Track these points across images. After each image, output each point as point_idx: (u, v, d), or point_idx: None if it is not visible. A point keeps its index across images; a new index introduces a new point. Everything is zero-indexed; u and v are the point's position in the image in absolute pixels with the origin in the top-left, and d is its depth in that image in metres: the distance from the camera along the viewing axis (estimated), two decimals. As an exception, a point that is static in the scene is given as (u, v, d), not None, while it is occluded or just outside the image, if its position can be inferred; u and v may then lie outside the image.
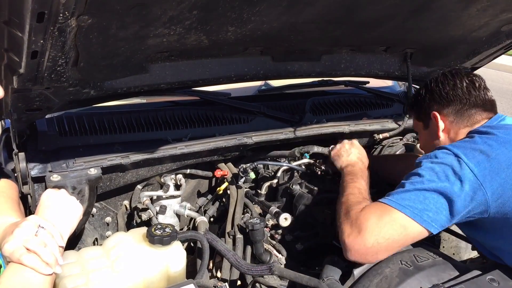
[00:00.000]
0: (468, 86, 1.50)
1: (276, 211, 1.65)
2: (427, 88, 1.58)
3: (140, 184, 1.80)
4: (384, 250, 1.28)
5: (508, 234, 1.30)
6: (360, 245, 1.26)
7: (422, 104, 1.59)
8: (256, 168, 1.81)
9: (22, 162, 1.44)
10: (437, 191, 1.25)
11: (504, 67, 10.64)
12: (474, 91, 1.49)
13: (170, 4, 1.11)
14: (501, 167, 1.26)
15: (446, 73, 1.57)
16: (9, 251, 1.03)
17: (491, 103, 1.53)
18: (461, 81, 1.51)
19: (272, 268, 1.38)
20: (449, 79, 1.53)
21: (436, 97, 1.53)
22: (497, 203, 1.25)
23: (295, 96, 2.33)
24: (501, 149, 1.29)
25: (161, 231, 1.33)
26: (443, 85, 1.53)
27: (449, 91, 1.51)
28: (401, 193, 1.29)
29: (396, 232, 1.25)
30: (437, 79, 1.57)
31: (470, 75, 1.54)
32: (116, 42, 1.21)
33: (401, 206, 1.25)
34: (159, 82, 1.60)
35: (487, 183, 1.25)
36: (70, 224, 1.22)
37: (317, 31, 1.59)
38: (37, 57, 1.04)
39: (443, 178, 1.26)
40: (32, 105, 1.35)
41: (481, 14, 1.64)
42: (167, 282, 1.31)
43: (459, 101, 1.49)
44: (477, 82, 1.52)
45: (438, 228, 1.27)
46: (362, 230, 1.26)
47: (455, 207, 1.25)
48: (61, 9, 0.92)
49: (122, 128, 1.75)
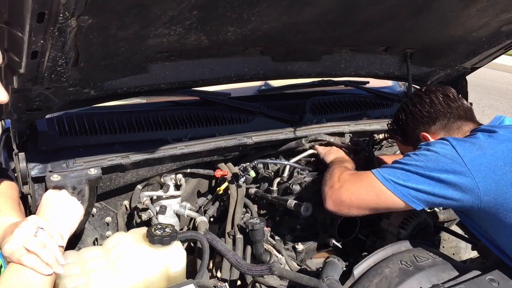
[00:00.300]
0: (444, 99, 1.52)
1: (295, 203, 1.64)
2: (406, 112, 1.58)
3: (140, 184, 1.80)
4: (356, 207, 1.44)
5: (499, 228, 1.32)
6: (335, 196, 1.45)
7: (406, 129, 1.59)
8: (256, 167, 1.81)
9: (22, 162, 1.44)
10: (424, 175, 1.32)
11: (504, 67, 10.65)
12: (453, 103, 1.52)
13: (170, 4, 1.11)
14: (498, 164, 1.28)
15: (418, 93, 1.59)
16: (9, 252, 1.03)
17: (470, 111, 1.57)
18: (436, 96, 1.53)
19: (272, 268, 1.38)
20: (424, 97, 1.55)
21: (419, 118, 1.54)
22: (488, 197, 1.27)
23: (295, 96, 2.33)
24: (500, 147, 1.31)
25: (161, 231, 1.33)
26: (421, 105, 1.54)
27: (429, 109, 1.52)
28: (388, 167, 1.40)
29: (369, 196, 1.39)
30: (412, 101, 1.57)
31: (441, 89, 1.56)
32: (116, 42, 1.21)
33: (383, 177, 1.37)
34: (159, 82, 1.60)
35: (481, 178, 1.27)
36: (70, 224, 1.22)
37: (317, 31, 1.59)
38: (37, 57, 1.04)
39: (433, 164, 1.32)
40: (32, 105, 1.35)
41: (481, 14, 1.64)
42: (167, 282, 1.31)
43: (443, 115, 1.51)
44: (450, 93, 1.55)
45: (414, 201, 1.34)
46: (341, 186, 1.46)
47: (435, 191, 1.31)
48: (61, 9, 0.92)
49: (122, 128, 1.75)
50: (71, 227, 1.22)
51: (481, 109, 7.27)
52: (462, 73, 2.25)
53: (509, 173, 1.27)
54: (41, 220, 1.10)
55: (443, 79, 2.30)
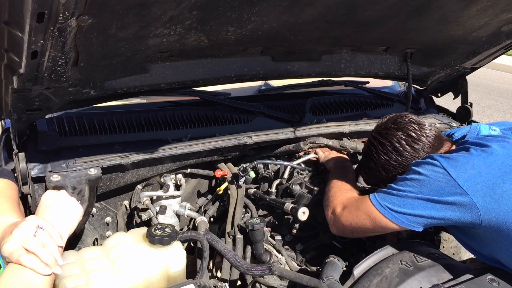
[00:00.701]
0: (408, 142, 1.44)
1: (292, 207, 1.64)
2: (374, 163, 1.50)
3: (140, 184, 1.80)
4: (358, 233, 1.49)
5: (502, 244, 1.29)
6: (338, 223, 1.49)
7: (379, 176, 1.52)
8: (256, 167, 1.81)
9: (22, 162, 1.44)
10: (419, 199, 1.30)
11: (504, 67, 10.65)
12: (418, 144, 1.44)
13: (170, 4, 1.11)
14: (496, 182, 1.23)
15: (379, 138, 1.48)
16: (8, 252, 1.03)
17: (439, 137, 1.48)
18: (399, 141, 1.44)
19: (272, 268, 1.38)
20: (386, 145, 1.46)
21: (392, 169, 1.47)
22: (489, 216, 1.23)
23: (295, 96, 2.33)
24: (496, 163, 1.26)
25: (161, 231, 1.33)
26: (387, 154, 1.46)
27: (396, 158, 1.45)
28: (384, 193, 1.38)
29: (369, 224, 1.40)
30: (376, 148, 1.48)
31: (400, 128, 1.46)
32: (116, 42, 1.21)
33: (379, 205, 1.36)
34: (159, 82, 1.60)
35: (479, 198, 1.23)
36: (69, 224, 1.22)
37: (317, 31, 1.59)
38: (37, 57, 1.04)
39: (427, 189, 1.29)
40: (32, 105, 1.35)
41: (481, 14, 1.64)
42: (167, 282, 1.31)
43: (412, 159, 1.43)
44: (412, 132, 1.44)
45: (412, 225, 1.33)
46: (342, 214, 1.47)
47: (433, 214, 1.29)
48: (61, 9, 0.92)
49: (122, 128, 1.75)
50: (70, 227, 1.22)
51: (481, 109, 7.27)
52: (462, 73, 2.25)
53: (509, 190, 1.22)
54: (41, 220, 1.10)
55: (443, 79, 2.30)
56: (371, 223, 1.39)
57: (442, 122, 2.26)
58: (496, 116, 7.10)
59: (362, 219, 1.41)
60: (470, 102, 2.29)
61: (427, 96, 2.49)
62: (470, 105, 2.27)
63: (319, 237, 1.81)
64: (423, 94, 2.48)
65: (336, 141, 1.92)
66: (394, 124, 1.49)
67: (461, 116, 2.30)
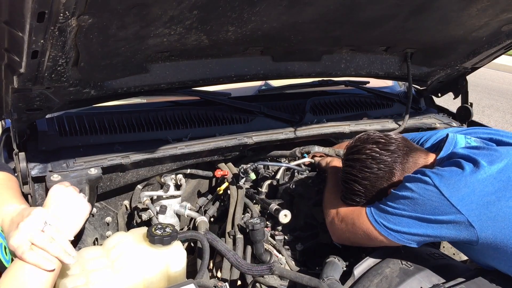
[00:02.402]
0: (381, 148, 1.42)
1: (276, 208, 1.65)
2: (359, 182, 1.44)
3: (140, 184, 1.80)
4: (356, 243, 1.53)
5: (500, 260, 1.28)
6: (338, 234, 1.54)
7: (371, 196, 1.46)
8: (256, 168, 1.81)
9: (22, 162, 1.44)
10: (414, 218, 1.29)
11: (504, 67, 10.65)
12: (390, 146, 1.42)
13: (170, 4, 1.11)
14: (491, 200, 1.21)
15: (350, 161, 1.46)
16: (14, 246, 1.03)
17: (405, 140, 1.47)
18: (372, 150, 1.42)
19: (272, 268, 1.38)
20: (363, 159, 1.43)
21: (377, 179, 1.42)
22: (486, 234, 1.22)
23: (295, 96, 2.33)
24: (488, 180, 1.23)
25: (161, 231, 1.33)
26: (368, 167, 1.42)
27: (378, 165, 1.41)
28: (379, 209, 1.38)
29: (365, 239, 1.42)
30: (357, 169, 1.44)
31: (368, 139, 1.45)
32: (116, 42, 1.21)
33: (375, 221, 1.37)
34: (159, 82, 1.60)
35: (474, 217, 1.21)
36: (77, 222, 1.19)
37: (317, 31, 1.59)
38: (37, 57, 1.04)
39: (421, 208, 1.27)
40: (33, 105, 1.35)
41: (481, 14, 1.64)
42: (167, 282, 1.31)
43: (393, 162, 1.41)
44: (380, 138, 1.44)
45: (409, 242, 1.33)
46: (341, 224, 1.50)
47: (428, 232, 1.28)
48: (61, 8, 0.92)
49: (122, 128, 1.75)
50: (77, 225, 1.20)
51: (481, 109, 7.27)
52: (462, 73, 2.25)
53: (504, 207, 1.20)
54: (48, 215, 1.09)
55: (443, 79, 2.30)
56: (367, 238, 1.40)
57: (442, 122, 2.26)
58: (496, 116, 7.10)
59: (358, 234, 1.42)
60: (470, 102, 2.29)
61: (427, 96, 2.49)
62: (470, 105, 2.27)
63: (319, 237, 1.81)
64: (423, 94, 2.48)
65: (332, 149, 1.91)
66: (359, 142, 1.48)
67: (461, 116, 2.30)
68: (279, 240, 1.79)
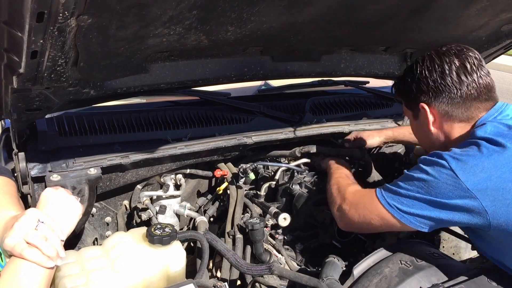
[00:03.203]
0: (458, 71, 1.34)
1: (275, 212, 1.65)
2: (413, 75, 1.41)
3: (140, 184, 1.80)
4: (366, 229, 1.52)
5: (510, 248, 1.27)
6: (346, 219, 1.48)
7: (409, 93, 1.44)
8: (256, 168, 1.81)
9: (22, 162, 1.44)
10: (427, 201, 1.26)
11: (504, 67, 10.64)
12: (466, 77, 1.33)
13: (169, 4, 1.11)
14: (507, 187, 1.18)
15: (433, 55, 1.39)
16: (10, 246, 1.04)
17: (487, 89, 1.36)
18: (450, 65, 1.34)
19: (272, 268, 1.38)
20: (437, 63, 1.36)
21: (423, 87, 1.38)
22: (499, 221, 1.20)
23: (295, 96, 2.33)
24: (507, 166, 1.19)
25: (160, 231, 1.33)
26: (430, 72, 1.36)
27: (436, 79, 1.35)
28: (390, 191, 1.35)
29: (377, 222, 1.38)
30: (423, 62, 1.39)
31: (461, 55, 1.36)
32: (116, 42, 1.21)
33: (387, 203, 1.34)
34: (159, 82, 1.60)
35: (488, 202, 1.19)
36: (69, 221, 1.22)
37: (317, 31, 1.59)
38: (36, 57, 1.04)
39: (435, 191, 1.25)
40: (32, 105, 1.35)
41: (481, 14, 1.64)
42: (167, 282, 1.31)
43: (449, 91, 1.34)
44: (469, 63, 1.35)
45: (421, 226, 1.30)
46: (350, 210, 1.45)
47: (441, 216, 1.26)
48: (60, 9, 0.91)
49: (122, 128, 1.75)
50: (70, 224, 1.22)
51: (481, 109, 7.25)
52: (462, 73, 2.24)
53: None
54: (41, 214, 1.10)
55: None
56: (379, 222, 1.36)
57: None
58: (496, 116, 7.08)
59: (370, 218, 1.38)
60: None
61: (427, 96, 2.49)
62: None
63: (319, 237, 1.81)
64: (423, 94, 2.48)
65: (332, 149, 1.92)
66: (456, 50, 1.38)
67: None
68: (278, 240, 1.79)
